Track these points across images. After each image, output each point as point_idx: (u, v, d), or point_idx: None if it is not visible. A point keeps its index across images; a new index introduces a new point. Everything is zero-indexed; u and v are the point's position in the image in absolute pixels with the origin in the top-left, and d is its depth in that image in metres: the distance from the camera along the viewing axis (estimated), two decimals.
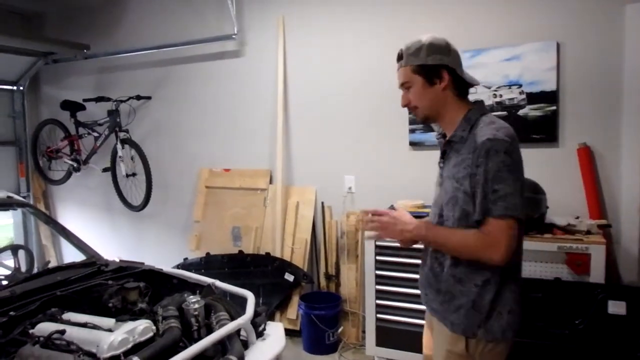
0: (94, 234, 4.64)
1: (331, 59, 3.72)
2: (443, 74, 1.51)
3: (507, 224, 1.35)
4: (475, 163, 1.39)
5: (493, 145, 1.37)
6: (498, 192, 1.36)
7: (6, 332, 1.74)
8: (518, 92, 3.09)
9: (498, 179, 1.36)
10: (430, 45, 1.51)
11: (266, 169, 4.04)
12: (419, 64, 1.51)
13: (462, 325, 1.47)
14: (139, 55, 4.44)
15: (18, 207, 2.80)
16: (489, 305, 1.44)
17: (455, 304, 1.48)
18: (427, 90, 1.52)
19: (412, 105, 1.57)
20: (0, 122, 4.90)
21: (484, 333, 1.45)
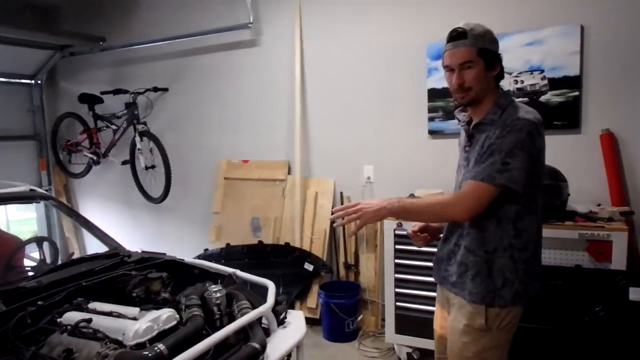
0: (115, 227, 4.73)
1: (349, 47, 3.70)
2: (497, 64, 1.62)
3: (488, 190, 1.50)
4: (497, 134, 1.53)
5: (518, 123, 1.50)
6: (508, 165, 1.49)
7: (35, 321, 1.79)
8: (540, 77, 3.04)
9: (512, 154, 1.49)
10: (491, 32, 1.62)
11: (284, 159, 4.06)
12: (485, 48, 1.58)
13: (479, 293, 1.58)
14: (154, 47, 4.48)
15: (41, 200, 2.87)
16: (500, 273, 1.57)
17: (470, 273, 1.61)
18: (485, 74, 1.60)
19: (467, 86, 1.60)
20: (20, 117, 5.02)
21: (498, 300, 1.57)
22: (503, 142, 1.50)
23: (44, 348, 1.61)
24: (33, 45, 4.62)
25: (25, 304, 1.85)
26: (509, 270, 1.58)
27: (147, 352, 1.53)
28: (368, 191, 3.72)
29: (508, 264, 1.57)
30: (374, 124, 3.66)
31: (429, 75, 3.38)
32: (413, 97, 3.48)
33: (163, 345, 1.55)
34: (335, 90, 3.79)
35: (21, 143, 5.03)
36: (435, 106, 3.39)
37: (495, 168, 1.50)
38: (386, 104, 3.61)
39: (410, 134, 3.53)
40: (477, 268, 1.60)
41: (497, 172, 1.50)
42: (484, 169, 1.52)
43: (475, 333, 1.60)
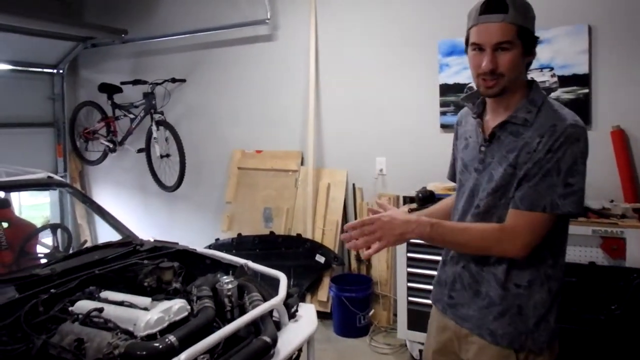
0: (128, 214, 4.71)
1: (363, 42, 3.66)
2: (534, 50, 1.29)
3: (547, 219, 1.19)
4: (548, 147, 1.18)
5: (576, 132, 1.18)
6: (572, 187, 1.18)
7: (47, 309, 1.76)
8: (549, 75, 3.00)
9: (573, 172, 1.18)
10: (532, 9, 1.27)
11: (297, 150, 3.99)
12: (527, 27, 1.24)
13: (507, 335, 1.25)
14: (174, 40, 4.44)
15: (57, 188, 2.84)
16: (536, 311, 1.25)
17: (496, 309, 1.27)
18: (521, 59, 1.26)
19: (500, 71, 1.23)
20: (40, 104, 5.01)
21: (532, 344, 1.25)
22: (561, 159, 1.17)
23: (55, 337, 1.57)
24: (57, 37, 4.59)
25: (38, 291, 1.82)
26: (545, 306, 1.26)
27: (158, 344, 1.49)
28: (380, 183, 3.65)
29: (545, 300, 1.26)
30: (386, 116, 3.60)
31: (441, 71, 3.34)
32: (425, 92, 3.43)
33: (174, 337, 1.51)
34: (348, 83, 3.74)
35: (40, 130, 5.02)
36: (446, 101, 3.34)
37: (557, 193, 1.18)
38: (399, 98, 3.55)
39: (422, 127, 3.47)
40: (505, 305, 1.26)
41: (561, 198, 1.18)
42: (542, 195, 1.19)
43: None
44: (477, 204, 1.32)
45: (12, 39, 4.27)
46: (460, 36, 3.29)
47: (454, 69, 3.29)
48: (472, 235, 1.26)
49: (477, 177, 1.34)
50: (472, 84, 3.12)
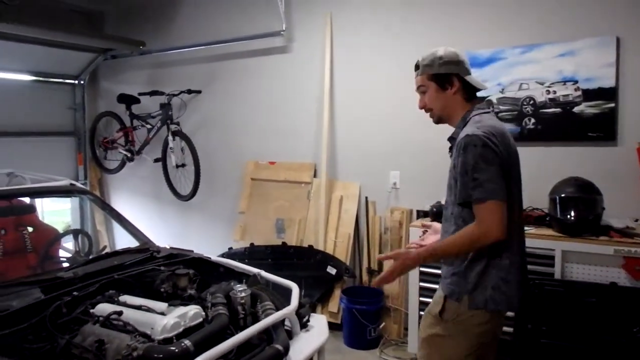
0: (144, 221, 4.80)
1: (378, 55, 3.71)
2: (454, 81, 1.75)
3: (492, 205, 1.55)
4: (457, 156, 1.64)
5: (470, 140, 1.59)
6: (477, 180, 1.57)
7: (70, 310, 1.84)
8: (573, 88, 2.98)
9: (476, 169, 1.57)
10: (442, 57, 1.75)
11: (311, 162, 4.07)
12: (434, 73, 1.77)
13: (451, 288, 1.69)
14: (190, 51, 4.57)
15: (79, 195, 2.96)
16: (475, 278, 1.64)
17: (452, 270, 1.71)
18: (440, 94, 1.78)
19: (428, 107, 1.83)
20: (62, 114, 5.20)
21: (468, 301, 1.65)
22: (465, 162, 1.59)
23: (77, 337, 1.65)
24: (78, 48, 4.79)
25: (61, 293, 1.91)
26: (482, 276, 1.64)
27: (174, 348, 1.55)
28: (393, 197, 3.69)
29: (483, 271, 1.64)
30: (401, 129, 3.64)
31: None
32: None
33: (189, 342, 1.57)
34: (363, 96, 3.80)
35: (62, 138, 5.21)
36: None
37: (469, 187, 1.59)
38: (415, 111, 3.53)
39: (438, 140, 3.45)
40: (457, 269, 1.69)
41: (472, 189, 1.58)
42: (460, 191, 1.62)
43: (431, 319, 1.76)
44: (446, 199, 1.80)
45: (36, 50, 4.47)
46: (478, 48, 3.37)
47: None
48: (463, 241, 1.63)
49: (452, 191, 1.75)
50: (490, 97, 3.20)
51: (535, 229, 2.79)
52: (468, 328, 1.66)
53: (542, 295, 2.49)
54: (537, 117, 3.11)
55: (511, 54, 3.17)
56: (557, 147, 3.07)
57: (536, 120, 3.11)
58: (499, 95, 3.23)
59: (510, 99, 3.19)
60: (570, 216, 2.63)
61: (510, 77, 3.19)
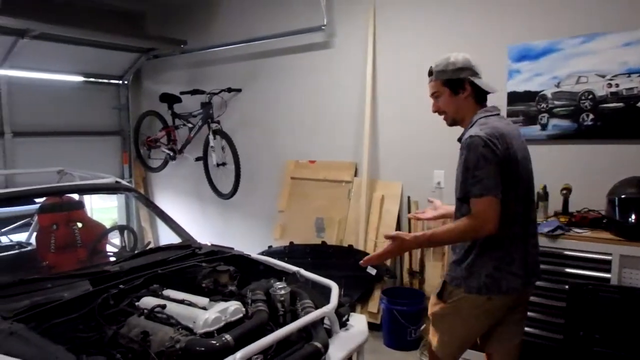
0: (187, 219, 4.97)
1: (422, 50, 3.66)
2: (465, 85, 1.93)
3: (487, 201, 1.73)
4: (460, 154, 1.82)
5: (472, 141, 1.78)
6: (477, 177, 1.74)
7: (116, 302, 1.95)
8: (639, 81, 2.83)
9: (477, 167, 1.75)
10: (455, 63, 1.93)
11: (351, 161, 4.09)
12: (447, 79, 1.94)
13: (450, 275, 1.95)
14: (230, 49, 4.68)
15: (124, 192, 3.11)
16: (471, 267, 1.87)
17: (452, 258, 1.97)
18: (452, 98, 1.96)
19: (442, 110, 2.02)
20: (108, 114, 5.47)
21: (464, 287, 1.88)
22: (468, 160, 1.78)
23: (123, 328, 1.75)
24: (122, 49, 5.03)
25: (109, 286, 2.03)
26: (477, 265, 1.86)
27: (215, 342, 1.62)
28: (437, 197, 3.59)
29: (478, 261, 1.85)
30: (446, 127, 3.55)
31: (510, 78, 3.27)
32: (490, 101, 3.36)
33: (230, 336, 1.63)
34: (407, 93, 3.76)
35: (108, 138, 5.48)
36: (515, 110, 3.26)
37: (469, 183, 1.77)
38: None
39: None
40: (454, 257, 1.95)
41: (471, 186, 1.76)
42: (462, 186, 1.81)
43: (434, 299, 2.04)
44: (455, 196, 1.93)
45: (83, 52, 4.73)
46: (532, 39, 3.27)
47: (524, 75, 3.21)
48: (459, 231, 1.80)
49: None
50: (545, 91, 3.11)
51: (591, 231, 2.69)
52: (464, 309, 1.91)
53: (596, 302, 2.40)
54: (596, 112, 2.98)
55: (569, 44, 3.05)
56: (617, 144, 2.94)
57: (595, 116, 2.99)
58: (553, 89, 3.12)
59: (567, 93, 3.08)
60: (631, 219, 2.52)
61: (567, 70, 3.07)
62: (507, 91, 3.28)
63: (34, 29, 3.98)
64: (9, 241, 3.71)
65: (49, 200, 3.26)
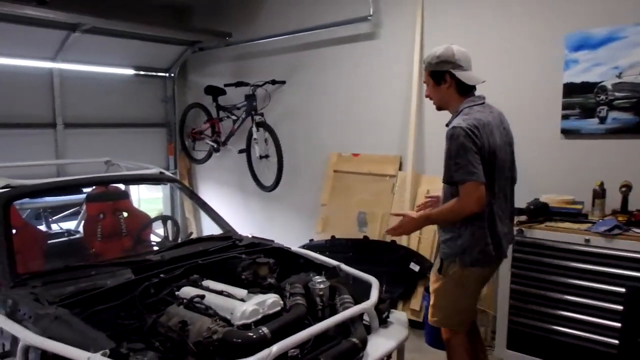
0: (229, 211, 5.04)
1: (472, 41, 3.49)
2: (446, 77, 2.18)
3: (470, 185, 2.00)
4: (447, 143, 2.07)
5: (454, 131, 2.04)
6: (459, 164, 2.01)
7: (157, 291, 2.01)
8: None
9: (457, 155, 2.01)
10: (440, 56, 2.17)
11: (396, 155, 4.02)
12: (432, 70, 2.21)
13: (446, 252, 2.20)
14: (274, 41, 4.70)
15: (168, 183, 3.20)
16: (464, 244, 2.13)
17: (444, 237, 2.21)
18: (436, 88, 2.23)
19: (430, 97, 2.29)
20: (154, 106, 5.64)
21: (460, 261, 2.15)
22: (450, 149, 2.05)
23: (163, 317, 1.80)
24: (169, 42, 5.17)
25: (150, 275, 2.08)
26: (469, 242, 2.12)
27: (252, 334, 1.63)
28: None
29: (470, 239, 2.12)
30: None
31: (566, 69, 3.11)
32: (544, 92, 3.24)
33: (267, 329, 1.64)
34: None
35: (154, 130, 5.66)
36: (571, 102, 3.11)
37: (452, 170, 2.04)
38: (512, 100, 3.37)
39: (538, 132, 3.28)
40: (449, 236, 2.18)
41: (454, 172, 2.03)
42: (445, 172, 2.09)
43: (434, 276, 2.29)
44: None
45: (132, 45, 4.89)
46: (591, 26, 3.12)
47: (582, 65, 3.05)
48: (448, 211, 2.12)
49: None
50: (604, 82, 2.95)
51: None
52: (461, 281, 2.19)
53: None
54: None
55: (633, 32, 2.85)
56: None
57: None
58: (614, 80, 2.94)
59: (629, 84, 2.89)
60: None
61: (630, 59, 2.88)
62: (563, 82, 3.13)
63: (84, 22, 4.15)
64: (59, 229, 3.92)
65: (95, 190, 3.41)
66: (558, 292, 2.65)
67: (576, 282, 2.59)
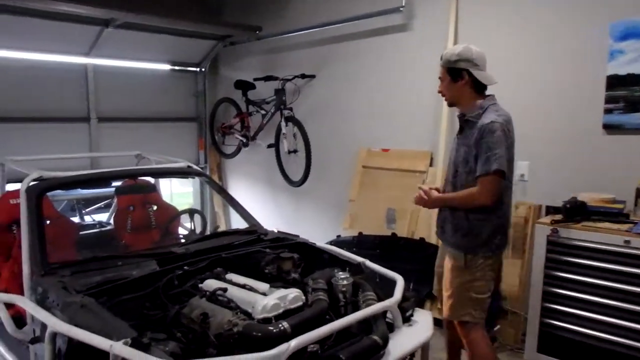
0: (257, 205, 5.12)
1: (509, 32, 3.44)
2: (464, 75, 2.32)
3: (493, 179, 2.20)
4: (480, 136, 2.23)
5: (493, 126, 2.21)
6: (490, 156, 2.19)
7: (180, 283, 2.06)
8: None
9: (493, 148, 2.19)
10: (459, 54, 2.31)
11: (427, 150, 3.97)
12: (449, 67, 2.34)
13: (467, 246, 2.36)
14: (304, 35, 4.71)
15: (195, 176, 3.26)
16: (488, 234, 2.33)
17: (462, 232, 2.36)
18: (452, 85, 2.38)
19: (443, 93, 2.44)
20: (185, 101, 5.76)
21: (484, 252, 2.34)
22: (489, 142, 2.20)
23: (185, 308, 1.84)
24: (200, 36, 5.26)
25: (174, 267, 2.13)
26: (490, 234, 2.33)
27: (272, 328, 1.65)
28: (520, 190, 3.43)
29: (490, 230, 2.32)
30: (533, 114, 3.35)
31: (611, 60, 2.99)
32: (586, 85, 3.12)
33: (287, 324, 1.66)
34: None
35: (185, 124, 5.78)
36: (614, 96, 2.98)
37: (490, 161, 2.18)
38: (550, 93, 3.29)
39: (578, 127, 3.17)
40: (467, 231, 2.34)
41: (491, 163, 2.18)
42: (484, 164, 2.21)
43: (457, 272, 2.39)
44: (456, 169, 2.41)
45: (164, 40, 4.99)
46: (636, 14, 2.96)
47: (628, 56, 2.91)
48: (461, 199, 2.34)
49: (455, 153, 2.46)
50: None
51: None
52: (484, 269, 2.36)
53: None
54: None
55: None
56: None
57: None
58: None
59: None
60: None
61: None
62: (607, 74, 3.00)
63: (117, 18, 4.27)
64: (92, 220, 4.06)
65: (125, 183, 3.50)
66: (594, 294, 2.57)
67: (614, 285, 2.51)
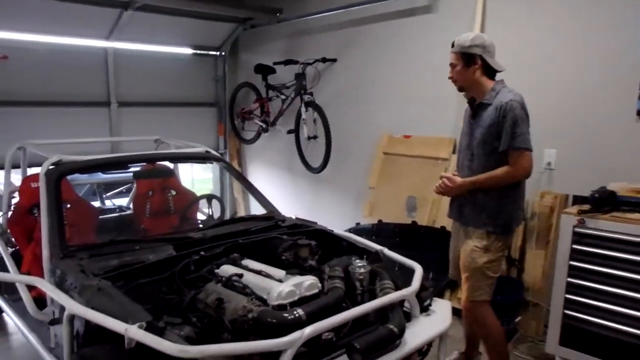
0: (277, 192, 5.15)
1: (539, 17, 3.34)
2: (477, 61, 2.42)
3: (527, 155, 2.35)
4: (502, 115, 2.33)
5: (513, 104, 2.32)
6: (516, 133, 2.30)
7: (197, 268, 2.08)
8: None
9: (517, 125, 2.30)
10: (473, 39, 2.41)
11: (450, 137, 3.91)
12: (462, 52, 2.43)
13: (490, 227, 2.44)
14: (326, 17, 4.65)
15: (214, 162, 3.28)
16: (510, 213, 2.46)
17: (486, 214, 2.45)
18: (464, 70, 2.45)
19: (454, 79, 2.51)
20: (205, 85, 5.78)
21: (503, 230, 2.46)
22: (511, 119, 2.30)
23: (201, 293, 1.86)
24: (220, 19, 5.25)
25: (191, 252, 2.16)
26: (511, 213, 2.46)
27: (287, 315, 1.65)
28: (546, 178, 3.36)
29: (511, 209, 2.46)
30: (562, 101, 3.27)
31: None
32: (620, 71, 3.01)
33: (302, 311, 1.66)
34: (517, 62, 3.40)
35: (204, 109, 5.80)
36: None
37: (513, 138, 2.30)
38: (581, 77, 3.19)
39: (609, 113, 3.07)
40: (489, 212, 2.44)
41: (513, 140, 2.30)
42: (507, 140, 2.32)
43: (479, 253, 2.46)
44: (472, 153, 2.50)
45: (184, 23, 5.00)
46: None
47: None
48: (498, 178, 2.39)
49: (467, 138, 2.55)
50: None
51: None
52: (503, 250, 2.52)
53: None
54: None
55: None
56: None
57: None
58: None
59: None
60: None
61: None
62: None
63: (136, 0, 4.28)
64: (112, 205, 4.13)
65: (143, 167, 3.54)
66: (620, 287, 2.50)
67: None
